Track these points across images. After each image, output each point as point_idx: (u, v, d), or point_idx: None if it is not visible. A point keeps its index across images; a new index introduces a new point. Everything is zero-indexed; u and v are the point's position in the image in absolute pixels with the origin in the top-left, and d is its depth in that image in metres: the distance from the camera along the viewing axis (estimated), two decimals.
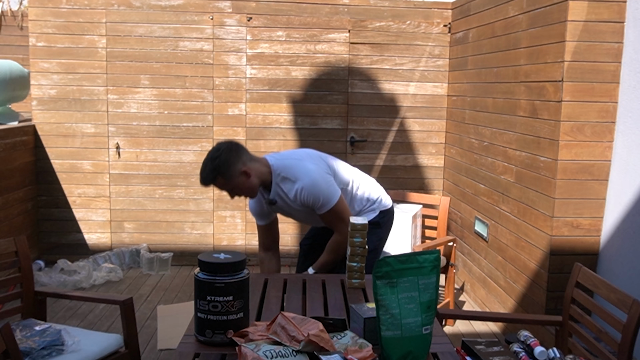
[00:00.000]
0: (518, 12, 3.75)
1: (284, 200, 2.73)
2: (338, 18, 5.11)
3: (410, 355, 1.73)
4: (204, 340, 1.84)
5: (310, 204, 2.68)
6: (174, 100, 5.11)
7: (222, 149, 2.60)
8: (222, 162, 2.58)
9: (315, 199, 2.67)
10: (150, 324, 3.95)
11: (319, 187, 2.67)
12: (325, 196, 2.68)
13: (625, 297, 2.10)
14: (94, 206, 5.18)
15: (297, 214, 2.84)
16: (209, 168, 2.59)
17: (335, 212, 2.72)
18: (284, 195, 2.72)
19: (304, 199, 2.67)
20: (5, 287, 2.76)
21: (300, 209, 2.75)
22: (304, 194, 2.66)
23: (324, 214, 2.73)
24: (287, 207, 2.77)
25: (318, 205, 2.69)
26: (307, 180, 2.67)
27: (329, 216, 2.73)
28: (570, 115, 3.20)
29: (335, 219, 2.74)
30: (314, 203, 2.68)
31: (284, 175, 2.70)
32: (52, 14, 4.95)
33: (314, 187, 2.66)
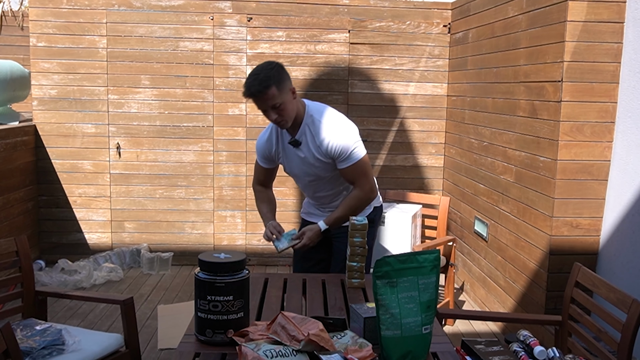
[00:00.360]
0: (518, 12, 3.75)
1: (308, 146, 2.62)
2: (338, 18, 5.12)
3: (410, 355, 1.74)
4: (205, 340, 1.85)
5: (337, 153, 2.58)
6: (175, 101, 5.11)
7: (275, 63, 2.51)
8: (277, 73, 2.48)
9: (344, 148, 2.57)
10: (151, 323, 3.95)
11: (350, 137, 2.60)
12: (355, 148, 2.59)
13: (624, 297, 2.11)
14: (95, 206, 5.19)
15: (308, 168, 2.69)
16: (263, 75, 2.44)
17: (361, 166, 2.63)
18: (310, 139, 2.61)
19: (332, 146, 2.56)
20: (5, 287, 2.76)
21: (318, 158, 2.62)
22: (334, 142, 2.56)
23: (348, 167, 2.61)
24: (306, 154, 2.64)
25: (345, 155, 2.58)
26: (338, 127, 2.60)
27: (354, 170, 2.62)
28: (570, 116, 3.21)
29: (359, 173, 2.64)
30: (342, 153, 2.57)
31: (317, 117, 2.61)
32: (52, 14, 4.96)
33: (346, 136, 2.58)
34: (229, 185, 5.23)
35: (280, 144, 2.74)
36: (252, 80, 2.46)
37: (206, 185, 5.22)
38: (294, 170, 2.78)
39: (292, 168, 2.78)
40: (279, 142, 2.74)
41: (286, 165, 2.80)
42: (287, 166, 2.80)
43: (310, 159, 2.66)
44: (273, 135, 2.74)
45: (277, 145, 2.75)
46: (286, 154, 2.74)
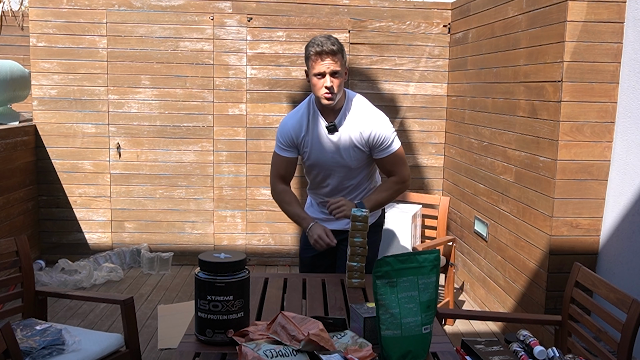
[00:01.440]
0: (517, 12, 3.75)
1: (347, 132, 2.61)
2: (338, 18, 5.12)
3: (410, 355, 1.74)
4: (205, 340, 1.85)
5: (379, 142, 2.60)
6: (175, 101, 5.11)
7: None
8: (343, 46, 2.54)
9: (387, 137, 2.61)
10: (151, 323, 3.95)
11: (390, 127, 2.65)
12: (393, 138, 2.64)
13: (624, 297, 2.11)
14: (95, 206, 5.19)
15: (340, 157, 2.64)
16: (335, 39, 2.50)
17: (400, 155, 2.68)
18: (349, 126, 2.61)
19: (375, 135, 2.59)
20: (6, 287, 2.77)
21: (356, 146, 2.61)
22: (377, 131, 2.59)
23: (389, 156, 2.64)
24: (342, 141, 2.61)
25: (387, 144, 2.62)
26: (381, 117, 2.65)
27: (394, 158, 2.66)
28: (570, 116, 3.21)
29: (399, 162, 2.69)
30: (384, 141, 2.61)
31: (358, 105, 2.64)
32: (52, 14, 4.96)
33: (387, 125, 2.63)
34: (229, 185, 5.23)
35: (311, 130, 2.65)
36: (324, 39, 2.48)
37: (206, 185, 5.22)
38: (323, 158, 2.67)
39: (321, 156, 2.67)
40: (310, 128, 2.65)
41: (313, 153, 2.68)
42: (313, 155, 2.68)
43: (346, 146, 2.63)
44: (304, 119, 2.66)
45: (308, 130, 2.65)
46: (317, 140, 2.65)
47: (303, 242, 2.91)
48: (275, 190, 2.77)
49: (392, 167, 2.69)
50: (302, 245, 2.93)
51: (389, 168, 2.70)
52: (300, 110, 2.69)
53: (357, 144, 2.62)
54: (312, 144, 2.66)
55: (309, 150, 2.68)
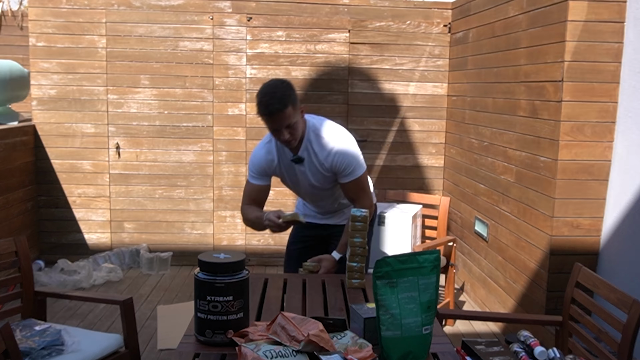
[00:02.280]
0: (518, 12, 3.75)
1: (311, 160, 2.61)
2: (338, 18, 5.11)
3: (410, 355, 1.73)
4: (204, 340, 1.84)
5: (340, 168, 2.59)
6: (174, 100, 5.11)
7: (286, 81, 2.48)
8: (292, 92, 2.46)
9: (347, 163, 2.58)
10: (150, 324, 3.95)
11: (352, 152, 2.61)
12: (357, 163, 2.62)
13: (625, 297, 2.10)
14: (94, 206, 5.18)
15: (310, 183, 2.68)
16: (280, 94, 2.41)
17: (361, 182, 2.65)
18: (312, 154, 2.60)
19: (335, 161, 2.58)
20: (5, 287, 2.76)
21: (322, 173, 2.63)
22: (337, 157, 2.57)
23: (349, 182, 2.63)
24: (309, 168, 2.63)
25: (348, 171, 2.60)
26: (343, 143, 2.60)
27: (355, 185, 2.65)
28: (570, 115, 3.20)
29: (359, 190, 2.67)
30: (345, 168, 2.59)
31: (319, 133, 2.61)
32: (52, 14, 4.95)
33: (348, 151, 2.59)
34: (229, 185, 5.23)
35: (281, 160, 2.70)
36: (269, 98, 2.42)
37: (206, 185, 5.21)
38: (299, 183, 2.75)
39: (296, 182, 2.75)
40: (279, 158, 2.70)
41: (287, 179, 2.77)
42: (288, 180, 2.77)
43: (313, 174, 2.66)
44: (273, 149, 2.68)
45: (278, 160, 2.70)
46: (288, 169, 2.71)
47: (292, 235, 3.02)
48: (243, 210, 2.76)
49: (354, 194, 2.69)
50: (291, 238, 3.03)
51: (351, 194, 2.70)
52: (267, 140, 2.71)
53: (322, 171, 2.64)
54: (285, 172, 2.73)
55: (284, 176, 2.76)
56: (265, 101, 2.42)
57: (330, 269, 2.70)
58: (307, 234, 2.94)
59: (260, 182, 2.73)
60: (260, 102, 2.45)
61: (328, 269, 2.69)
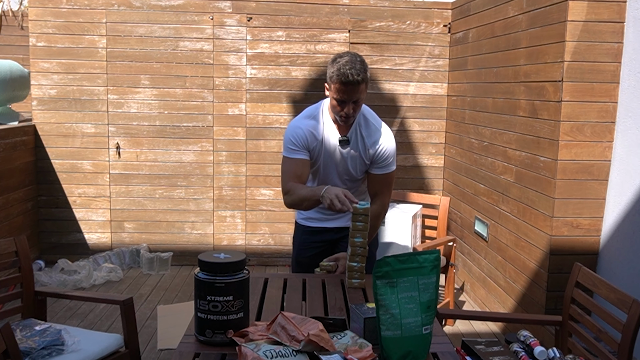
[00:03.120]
0: (518, 12, 3.75)
1: (357, 143, 2.60)
2: (338, 18, 5.11)
3: (410, 355, 1.73)
4: (204, 340, 1.84)
5: (382, 158, 2.59)
6: (174, 100, 5.11)
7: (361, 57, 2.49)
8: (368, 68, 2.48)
9: (391, 153, 2.61)
10: (151, 323, 3.95)
11: (394, 146, 2.65)
12: (394, 157, 2.64)
13: (625, 297, 2.10)
14: (94, 206, 5.18)
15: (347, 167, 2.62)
16: (361, 66, 2.40)
17: (391, 177, 2.68)
18: (359, 138, 2.59)
19: (382, 149, 2.59)
20: (5, 287, 2.76)
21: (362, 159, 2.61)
22: (385, 146, 2.59)
23: (382, 175, 2.63)
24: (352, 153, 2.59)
25: (387, 162, 2.61)
26: (389, 134, 2.64)
27: (385, 179, 2.65)
28: (570, 115, 3.21)
29: (386, 185, 2.68)
30: (387, 158, 2.60)
31: (369, 119, 2.61)
32: (52, 14, 4.95)
33: (392, 143, 2.63)
34: (229, 185, 5.23)
35: (325, 139, 2.60)
36: (350, 67, 2.37)
37: (206, 185, 5.22)
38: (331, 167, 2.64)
39: (330, 165, 2.64)
40: (324, 137, 2.60)
41: (322, 162, 2.64)
42: (322, 163, 2.64)
43: (353, 159, 2.63)
44: (319, 126, 2.59)
45: (322, 139, 2.60)
46: (329, 150, 2.60)
47: (298, 243, 2.85)
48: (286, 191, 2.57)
49: (380, 187, 2.67)
50: (298, 246, 2.86)
51: (376, 188, 2.67)
52: (314, 116, 2.63)
53: (363, 157, 2.63)
54: (324, 153, 2.62)
55: (319, 158, 2.64)
56: (347, 70, 2.37)
57: None
58: (317, 240, 2.84)
59: (302, 155, 2.56)
60: (339, 70, 2.38)
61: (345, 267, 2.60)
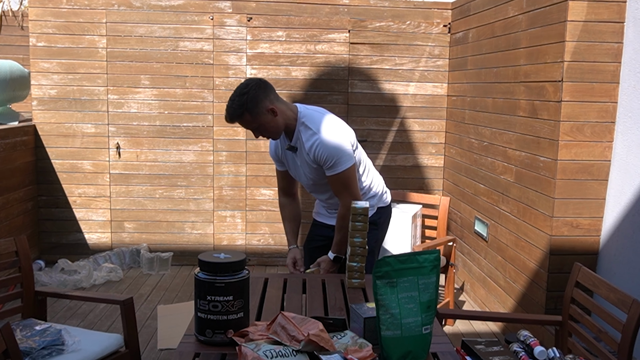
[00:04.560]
0: (518, 12, 3.75)
1: (301, 151, 2.63)
2: (338, 18, 5.11)
3: (410, 355, 1.74)
4: (204, 340, 1.85)
5: (322, 160, 2.56)
6: (174, 100, 5.11)
7: (251, 84, 2.51)
8: (250, 98, 2.48)
9: (328, 156, 2.55)
10: (151, 323, 3.95)
11: (336, 145, 2.56)
12: (339, 157, 2.56)
13: (625, 297, 2.10)
14: (94, 206, 5.18)
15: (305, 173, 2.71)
16: (236, 103, 2.48)
17: (343, 178, 2.60)
18: (301, 144, 2.62)
19: (317, 153, 2.55)
20: (5, 287, 2.76)
21: (309, 164, 2.63)
22: (319, 148, 2.55)
23: (331, 177, 2.61)
24: (300, 158, 2.66)
25: (329, 164, 2.56)
26: (326, 134, 2.57)
27: (336, 181, 2.61)
28: (570, 115, 3.21)
29: (341, 186, 2.62)
30: (326, 160, 2.56)
31: (306, 123, 2.61)
32: (52, 14, 4.95)
33: (330, 143, 2.55)
34: (229, 185, 5.23)
35: (283, 148, 2.76)
36: (227, 107, 2.53)
37: (206, 185, 5.22)
38: (295, 173, 2.82)
39: (294, 172, 2.83)
40: (282, 146, 2.77)
41: (290, 169, 2.84)
42: (291, 170, 2.84)
43: (304, 164, 2.68)
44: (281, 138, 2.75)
45: (282, 149, 2.77)
46: (287, 158, 2.78)
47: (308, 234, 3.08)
48: (279, 203, 3.02)
49: (335, 191, 2.67)
50: (307, 237, 3.08)
51: (334, 189, 2.68)
52: None
53: (309, 162, 2.64)
54: (287, 160, 2.81)
55: (288, 165, 2.84)
56: (226, 109, 2.54)
57: (328, 269, 2.72)
58: (320, 234, 2.98)
59: (279, 167, 2.90)
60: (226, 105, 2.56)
61: (326, 270, 2.73)
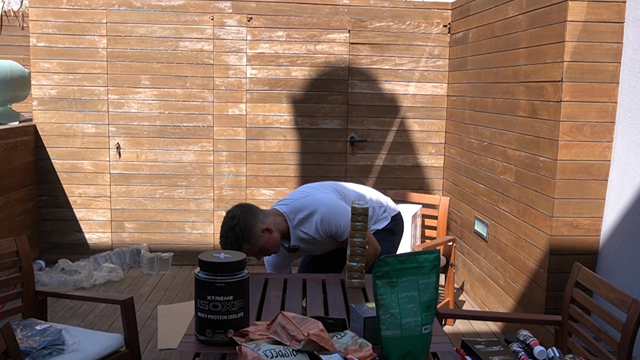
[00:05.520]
0: (518, 12, 3.75)
1: (307, 240, 2.72)
2: (338, 18, 5.12)
3: (410, 355, 1.74)
4: (205, 340, 1.85)
5: (333, 232, 2.66)
6: (175, 101, 5.12)
7: (237, 215, 2.56)
8: (242, 228, 2.54)
9: (336, 225, 2.65)
10: (151, 323, 3.95)
11: (335, 213, 2.66)
12: (345, 220, 2.64)
13: (624, 297, 2.11)
14: (95, 206, 5.19)
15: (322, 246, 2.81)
16: (231, 238, 2.55)
17: None
18: (305, 236, 2.70)
19: (325, 229, 2.65)
20: (5, 287, 2.76)
21: (324, 240, 2.72)
22: (325, 225, 2.65)
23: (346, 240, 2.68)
24: (312, 244, 2.75)
25: (340, 230, 2.66)
26: (322, 209, 2.66)
27: None
28: (570, 116, 3.21)
29: None
30: (337, 230, 2.66)
31: (299, 216, 2.69)
32: (52, 14, 4.96)
33: (331, 214, 2.65)
34: (229, 185, 5.23)
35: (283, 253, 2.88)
36: (223, 243, 2.58)
37: (206, 185, 5.22)
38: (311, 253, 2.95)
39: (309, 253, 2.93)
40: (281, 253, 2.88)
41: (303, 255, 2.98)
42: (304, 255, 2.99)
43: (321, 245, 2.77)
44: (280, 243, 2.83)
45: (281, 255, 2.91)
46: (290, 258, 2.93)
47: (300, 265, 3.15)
48: None
49: None
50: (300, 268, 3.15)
51: None
52: None
53: (320, 240, 2.72)
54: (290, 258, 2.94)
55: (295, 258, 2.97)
56: (222, 244, 2.60)
57: None
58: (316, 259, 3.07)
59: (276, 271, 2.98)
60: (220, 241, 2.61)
61: None
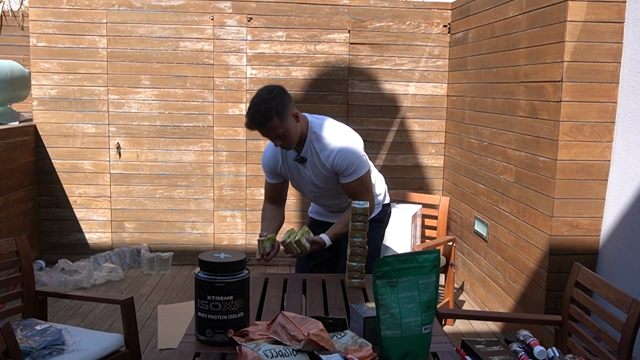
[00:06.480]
0: (517, 12, 3.75)
1: (313, 160, 2.63)
2: (338, 18, 5.12)
3: (410, 355, 1.74)
4: (205, 340, 1.85)
5: (341, 168, 2.58)
6: (175, 101, 5.12)
7: (276, 90, 2.49)
8: (279, 101, 2.46)
9: (349, 163, 2.57)
10: (151, 323, 3.95)
11: (354, 152, 2.59)
12: (359, 163, 2.59)
13: (624, 297, 2.11)
14: (95, 206, 5.19)
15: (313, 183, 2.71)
16: (264, 107, 2.44)
17: (363, 182, 2.63)
18: (314, 154, 2.61)
19: (337, 161, 2.56)
20: (5, 287, 2.77)
21: (323, 173, 2.64)
22: (338, 158, 2.56)
23: (351, 182, 2.61)
24: (312, 168, 2.65)
25: (350, 170, 2.58)
26: (344, 142, 2.59)
27: (357, 185, 2.62)
28: (570, 115, 3.21)
29: (361, 189, 2.64)
30: (346, 168, 2.57)
31: (320, 133, 2.61)
32: (52, 14, 4.96)
33: (350, 151, 2.58)
34: (229, 185, 5.23)
35: (286, 160, 2.74)
36: (253, 112, 2.47)
37: (206, 185, 5.22)
38: (300, 184, 2.82)
39: (298, 183, 2.82)
40: (284, 159, 2.75)
41: (292, 180, 2.83)
42: (293, 181, 2.83)
43: (315, 174, 2.68)
44: (278, 151, 2.74)
45: (283, 161, 2.75)
46: (291, 170, 2.76)
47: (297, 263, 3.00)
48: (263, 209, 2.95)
49: (354, 193, 2.67)
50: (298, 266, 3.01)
51: (351, 193, 2.69)
52: None
53: (323, 172, 2.65)
54: (290, 172, 2.78)
55: (287, 175, 2.82)
56: (251, 115, 2.49)
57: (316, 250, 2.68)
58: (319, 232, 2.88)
59: (273, 180, 2.85)
60: (247, 115, 2.52)
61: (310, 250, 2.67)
